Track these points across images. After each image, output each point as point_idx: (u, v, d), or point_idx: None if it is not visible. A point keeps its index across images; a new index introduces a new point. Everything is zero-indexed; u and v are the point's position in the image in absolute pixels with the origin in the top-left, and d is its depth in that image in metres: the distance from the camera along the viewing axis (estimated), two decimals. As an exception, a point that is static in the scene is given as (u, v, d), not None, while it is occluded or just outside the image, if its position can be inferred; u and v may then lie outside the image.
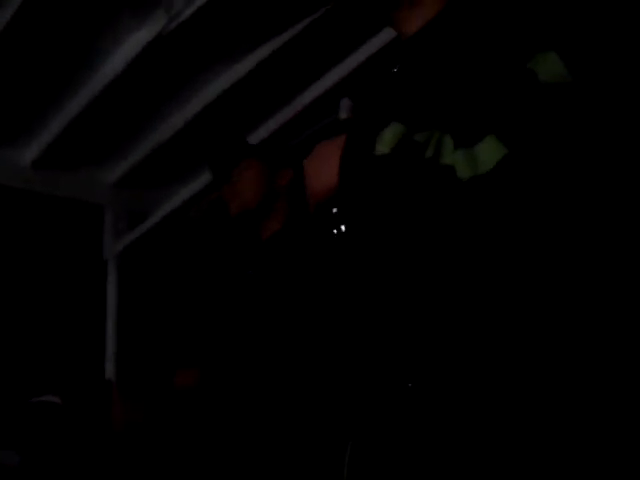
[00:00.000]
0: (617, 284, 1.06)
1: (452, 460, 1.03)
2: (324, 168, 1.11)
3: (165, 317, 3.64)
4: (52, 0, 2.40)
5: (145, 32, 2.53)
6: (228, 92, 2.80)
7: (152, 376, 3.39)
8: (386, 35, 2.36)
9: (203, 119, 2.95)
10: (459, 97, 1.11)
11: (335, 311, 1.86)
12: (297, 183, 2.14)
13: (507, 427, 1.01)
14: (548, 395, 1.01)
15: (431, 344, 1.08)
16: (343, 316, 1.78)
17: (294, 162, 2.16)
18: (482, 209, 1.02)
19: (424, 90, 1.18)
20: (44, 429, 2.38)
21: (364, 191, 1.08)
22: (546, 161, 0.99)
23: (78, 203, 3.55)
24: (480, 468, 1.01)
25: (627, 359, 1.02)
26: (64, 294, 3.49)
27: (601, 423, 0.99)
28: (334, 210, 1.16)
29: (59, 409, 2.48)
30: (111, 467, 2.54)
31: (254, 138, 2.91)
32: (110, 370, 3.49)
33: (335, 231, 1.18)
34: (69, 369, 3.35)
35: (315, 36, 2.56)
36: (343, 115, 1.24)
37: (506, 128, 1.00)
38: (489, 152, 1.00)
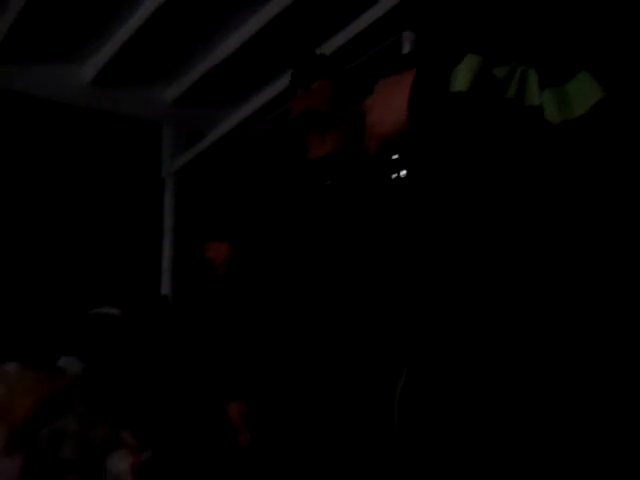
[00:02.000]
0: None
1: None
2: (389, 107, 0.98)
3: (219, 234, 3.71)
4: None
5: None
6: (284, 14, 2.77)
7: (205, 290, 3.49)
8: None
9: (260, 40, 2.93)
10: (545, 24, 0.98)
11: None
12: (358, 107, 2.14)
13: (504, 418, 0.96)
14: (542, 387, 0.95)
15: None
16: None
17: (359, 86, 2.16)
18: (573, 160, 0.89)
19: (501, 16, 1.05)
20: (105, 339, 2.48)
21: (435, 134, 0.95)
22: None
23: (137, 121, 3.59)
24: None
25: (625, 355, 0.95)
26: (123, 210, 3.57)
27: (593, 419, 0.94)
28: (395, 157, 1.06)
29: (118, 320, 2.58)
30: (167, 375, 2.64)
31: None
32: (166, 285, 3.58)
33: (394, 176, 1.08)
34: (127, 283, 3.46)
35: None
36: (406, 49, 1.12)
37: (604, 65, 0.87)
38: (582, 93, 0.87)
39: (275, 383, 2.01)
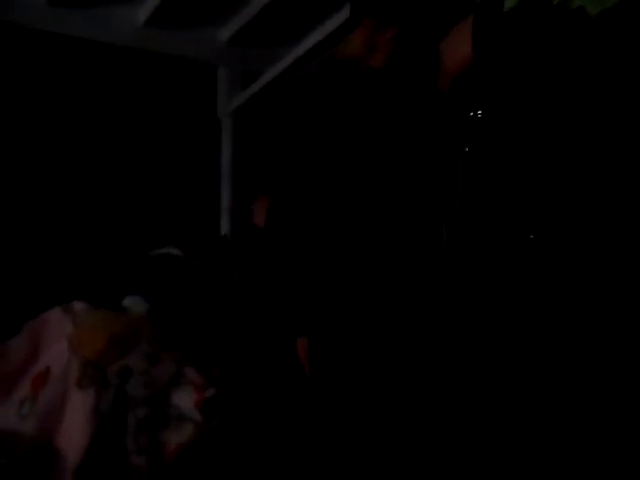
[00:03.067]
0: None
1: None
2: (456, 44, 1.13)
3: (277, 172, 3.72)
4: None
5: None
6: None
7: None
8: None
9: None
10: None
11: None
12: (401, 41, 2.11)
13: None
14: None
15: None
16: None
17: (400, 20, 2.12)
18: (611, 47, 1.00)
19: None
20: (168, 278, 2.52)
21: (497, 53, 1.08)
22: None
23: (192, 62, 3.58)
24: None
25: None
26: (180, 152, 3.61)
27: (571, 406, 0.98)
28: (469, 93, 1.19)
29: (180, 260, 2.62)
30: (231, 313, 2.68)
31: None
32: (225, 225, 3.62)
33: (472, 113, 1.21)
34: (187, 223, 3.51)
35: None
36: None
37: None
38: None
39: (334, 320, 2.01)
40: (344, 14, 2.62)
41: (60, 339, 2.20)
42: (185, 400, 2.13)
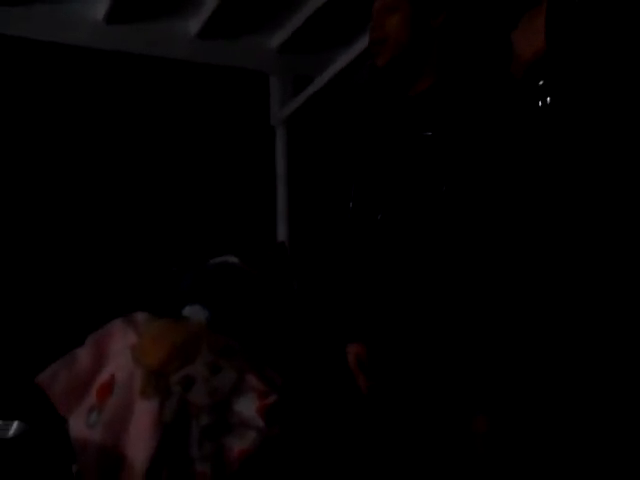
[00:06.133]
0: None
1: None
2: (529, 32, 1.11)
3: (333, 178, 3.72)
4: None
5: None
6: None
7: (321, 236, 3.51)
8: None
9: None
10: None
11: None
12: (450, 28, 1.98)
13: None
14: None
15: None
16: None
17: (448, 3, 1.97)
18: None
19: None
20: (227, 287, 2.54)
21: (571, 38, 1.05)
22: None
23: (244, 71, 3.62)
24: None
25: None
26: (236, 160, 3.64)
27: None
28: (541, 82, 1.15)
29: (239, 268, 2.63)
30: (289, 319, 2.68)
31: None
32: (282, 232, 3.63)
33: (540, 103, 1.18)
34: (244, 231, 3.53)
35: None
36: None
37: None
38: None
39: (393, 328, 1.99)
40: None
41: (123, 349, 2.23)
42: (247, 407, 2.14)
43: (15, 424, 2.12)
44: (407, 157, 1.97)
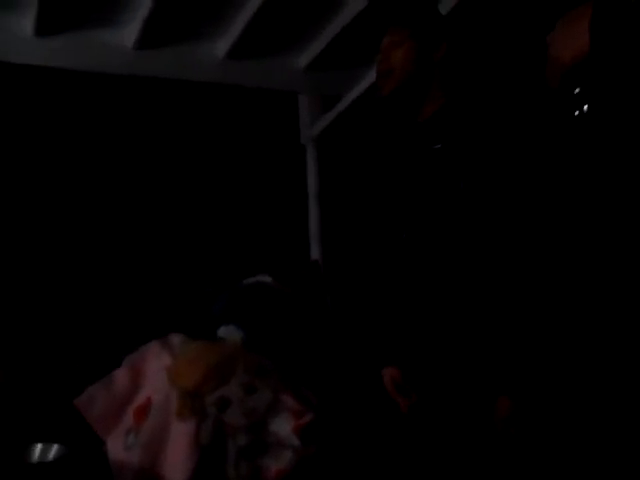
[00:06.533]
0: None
1: None
2: (570, 36, 1.03)
3: (365, 195, 3.71)
4: None
5: None
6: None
7: (355, 254, 3.51)
8: None
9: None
10: None
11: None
12: (451, 58, 2.07)
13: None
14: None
15: None
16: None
17: (448, 36, 2.08)
18: None
19: None
20: (261, 307, 2.54)
21: (619, 50, 0.98)
22: None
23: (272, 91, 3.64)
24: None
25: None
26: (266, 181, 3.66)
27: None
28: (577, 90, 1.08)
29: (272, 288, 2.63)
30: (324, 339, 2.68)
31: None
32: (315, 250, 3.64)
33: (577, 112, 1.10)
34: (277, 251, 3.54)
35: None
36: None
37: None
38: None
39: (427, 351, 1.98)
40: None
41: (159, 371, 2.25)
42: (283, 427, 2.14)
43: (55, 447, 2.14)
44: (420, 171, 2.02)
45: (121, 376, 2.30)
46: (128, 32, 3.20)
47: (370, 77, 3.33)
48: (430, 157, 2.00)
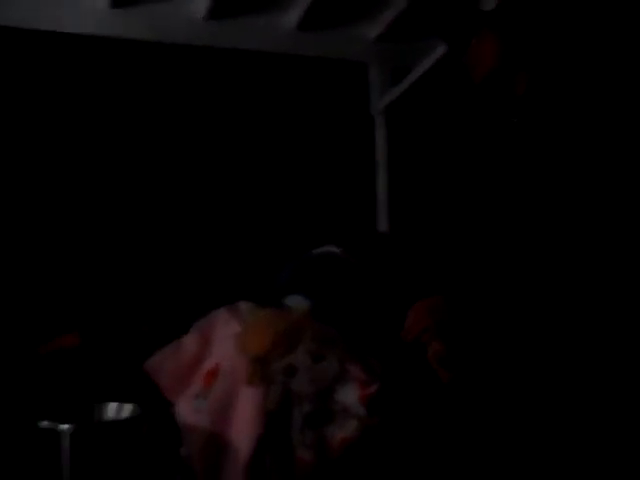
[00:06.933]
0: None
1: None
2: None
3: (433, 168, 3.69)
4: None
5: None
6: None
7: (423, 225, 3.49)
8: None
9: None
10: None
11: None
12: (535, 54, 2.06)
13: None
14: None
15: None
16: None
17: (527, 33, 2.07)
18: None
19: None
20: (329, 277, 2.56)
21: None
22: None
23: (342, 62, 3.63)
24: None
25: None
26: (336, 151, 3.66)
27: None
28: None
29: (340, 258, 2.65)
30: (388, 308, 2.68)
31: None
32: (383, 221, 3.63)
33: None
34: (345, 222, 3.55)
35: None
36: None
37: None
38: None
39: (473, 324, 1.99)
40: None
41: (228, 338, 2.29)
42: (350, 396, 2.15)
43: (128, 407, 2.21)
44: (495, 145, 2.05)
45: (190, 342, 2.36)
46: (198, 3, 3.22)
47: (440, 49, 3.30)
48: (508, 131, 1.99)
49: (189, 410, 2.22)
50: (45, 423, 2.00)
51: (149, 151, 3.39)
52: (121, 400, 2.23)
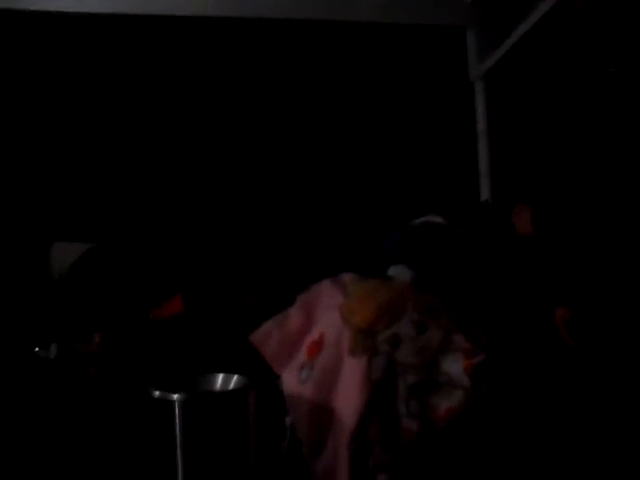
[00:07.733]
0: None
1: None
2: None
3: (536, 134, 3.58)
4: None
5: None
6: None
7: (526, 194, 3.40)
8: None
9: None
10: None
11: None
12: None
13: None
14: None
15: None
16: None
17: None
18: None
19: None
20: (432, 247, 2.53)
21: None
22: None
23: (439, 27, 3.56)
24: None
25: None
26: (435, 118, 3.61)
27: None
28: None
29: (442, 228, 2.61)
30: (495, 278, 2.63)
31: None
32: (485, 190, 3.56)
33: None
34: (447, 191, 3.50)
35: None
36: None
37: None
38: None
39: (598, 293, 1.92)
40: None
41: (331, 309, 2.30)
42: (454, 366, 2.14)
43: (235, 377, 2.25)
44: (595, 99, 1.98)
45: (295, 314, 2.38)
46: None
47: (541, 9, 3.17)
48: (605, 81, 1.92)
49: (294, 381, 2.25)
50: (157, 393, 2.07)
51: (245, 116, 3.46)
52: (226, 371, 2.28)
